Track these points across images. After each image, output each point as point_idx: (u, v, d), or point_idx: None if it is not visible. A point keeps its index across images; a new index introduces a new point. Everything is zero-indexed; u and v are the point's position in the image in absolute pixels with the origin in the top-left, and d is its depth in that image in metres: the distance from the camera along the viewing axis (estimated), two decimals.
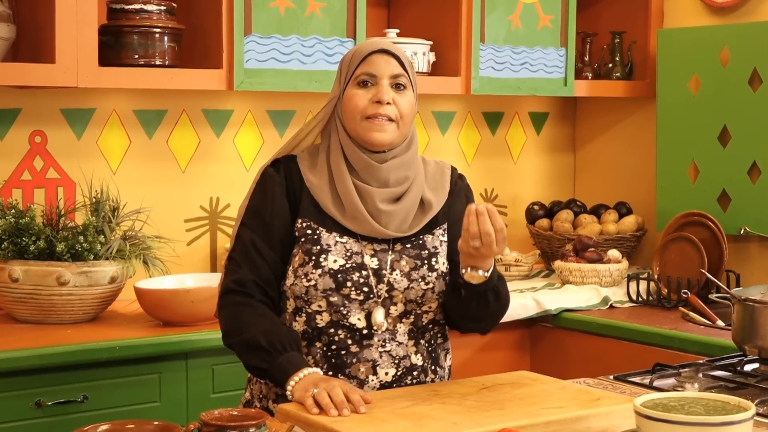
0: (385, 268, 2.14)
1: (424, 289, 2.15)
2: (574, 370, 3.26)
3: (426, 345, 2.20)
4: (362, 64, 2.16)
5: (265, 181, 2.20)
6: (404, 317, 2.16)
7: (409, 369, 2.16)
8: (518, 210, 4.17)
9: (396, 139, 2.16)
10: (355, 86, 2.16)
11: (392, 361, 2.14)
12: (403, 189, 2.17)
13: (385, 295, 2.13)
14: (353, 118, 2.15)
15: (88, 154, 3.25)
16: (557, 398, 2.02)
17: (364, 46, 2.20)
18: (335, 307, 2.12)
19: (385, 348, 2.14)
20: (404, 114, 2.16)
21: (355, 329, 2.13)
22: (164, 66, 3.05)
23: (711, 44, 3.70)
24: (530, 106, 4.22)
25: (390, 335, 2.15)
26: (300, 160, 2.21)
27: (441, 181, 2.26)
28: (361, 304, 2.12)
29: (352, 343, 2.13)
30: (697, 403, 1.77)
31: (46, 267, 2.83)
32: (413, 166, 2.20)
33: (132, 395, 2.75)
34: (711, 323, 3.23)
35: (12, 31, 2.92)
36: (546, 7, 3.76)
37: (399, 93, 2.16)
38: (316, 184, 2.17)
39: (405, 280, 2.14)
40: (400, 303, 2.15)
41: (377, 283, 2.13)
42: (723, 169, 3.67)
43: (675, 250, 3.63)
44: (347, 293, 2.12)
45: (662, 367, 2.40)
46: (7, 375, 2.59)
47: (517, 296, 3.44)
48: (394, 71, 2.16)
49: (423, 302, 2.16)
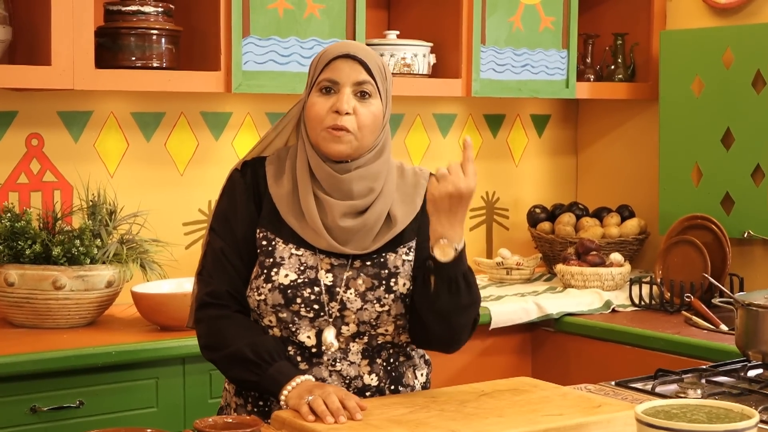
0: (340, 285, 2.05)
1: (378, 311, 2.05)
2: (576, 374, 3.24)
3: (384, 364, 2.10)
4: (326, 69, 2.06)
5: (231, 186, 2.14)
6: (357, 338, 2.07)
7: (361, 389, 2.07)
8: (520, 213, 4.14)
9: (356, 151, 2.06)
10: (317, 93, 2.07)
11: (342, 381, 2.06)
12: (367, 202, 2.07)
13: (336, 314, 2.05)
14: (313, 127, 2.07)
15: (85, 157, 3.23)
16: (558, 405, 2.00)
17: (330, 49, 2.09)
18: (284, 323, 2.06)
19: (335, 367, 2.06)
20: (364, 125, 2.04)
21: (305, 347, 2.06)
22: (161, 68, 3.02)
23: (714, 46, 3.67)
24: (532, 109, 4.19)
25: (342, 354, 2.07)
26: (268, 164, 2.13)
27: (412, 195, 2.13)
28: (312, 321, 2.05)
29: (301, 360, 2.06)
30: (700, 410, 1.74)
31: (42, 271, 2.81)
32: (380, 177, 2.09)
33: (128, 401, 2.73)
34: (714, 328, 3.20)
35: (8, 33, 2.90)
36: (547, 9, 3.73)
37: (362, 102, 2.05)
38: (277, 193, 2.09)
39: (359, 300, 2.05)
40: (353, 324, 2.06)
41: (329, 301, 2.05)
42: (726, 172, 3.65)
43: (678, 253, 3.60)
44: (296, 309, 2.04)
45: (664, 373, 2.37)
46: (2, 380, 2.56)
47: (518, 300, 3.42)
48: (359, 78, 2.04)
49: (378, 324, 2.06)
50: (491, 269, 3.82)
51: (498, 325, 3.31)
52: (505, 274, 3.79)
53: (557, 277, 3.76)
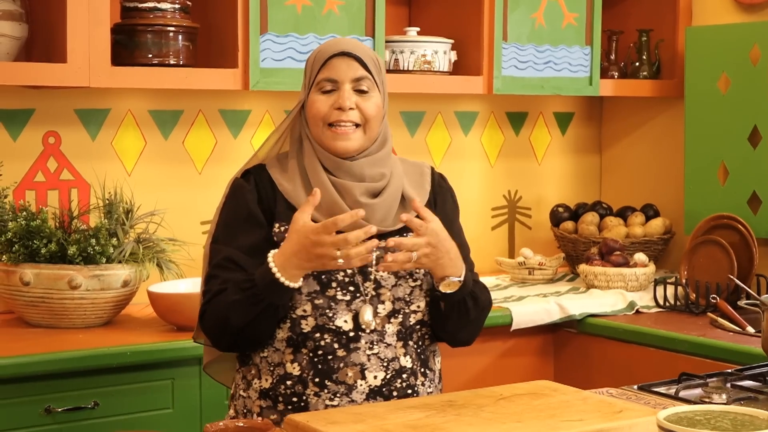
0: (371, 265, 2.07)
1: (412, 286, 2.11)
2: (598, 377, 3.19)
3: (415, 346, 2.14)
4: (323, 69, 2.11)
5: (235, 192, 2.16)
6: (392, 317, 2.10)
7: (398, 372, 2.10)
8: (542, 212, 4.09)
9: (363, 144, 2.12)
10: (317, 92, 2.12)
11: (381, 364, 2.08)
12: (381, 185, 2.13)
13: (372, 293, 2.08)
14: (316, 125, 2.12)
15: (102, 156, 3.21)
16: (578, 410, 1.95)
17: (325, 48, 2.14)
18: (321, 310, 2.07)
19: (373, 350, 2.08)
20: (370, 117, 2.11)
21: (342, 332, 2.07)
22: (178, 65, 2.99)
23: (741, 42, 3.61)
24: (555, 106, 4.14)
25: (378, 336, 2.09)
26: (270, 167, 2.17)
27: (420, 181, 2.22)
28: (348, 304, 2.07)
29: (338, 347, 2.07)
30: (724, 417, 1.69)
31: (58, 270, 2.78)
32: (388, 162, 2.16)
33: (144, 402, 2.70)
34: (741, 330, 3.14)
35: (24, 31, 2.88)
36: (571, 5, 3.68)
37: (362, 97, 2.11)
38: (289, 188, 2.13)
39: (392, 277, 2.10)
40: (388, 301, 2.10)
41: (363, 281, 2.08)
42: (753, 171, 3.59)
43: (703, 253, 3.55)
44: (333, 294, 2.07)
45: (688, 377, 2.32)
46: (16, 381, 2.54)
47: (540, 301, 3.37)
48: (356, 74, 2.11)
49: (411, 300, 2.11)
50: (513, 269, 3.77)
51: (519, 326, 3.26)
52: (527, 274, 3.74)
53: (580, 278, 3.71)
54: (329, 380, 2.06)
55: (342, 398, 2.06)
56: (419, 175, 2.22)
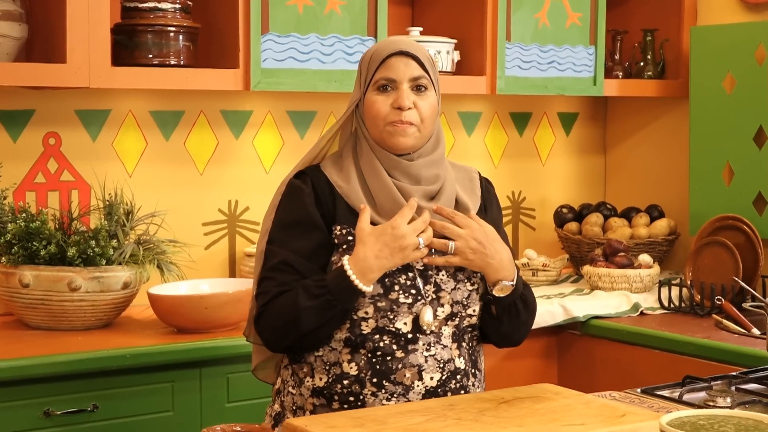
0: (431, 268, 2.11)
1: (470, 290, 2.14)
2: (602, 379, 3.17)
3: (467, 348, 2.18)
4: (381, 68, 2.13)
5: (292, 192, 2.16)
6: (450, 319, 2.13)
7: (453, 373, 2.13)
8: (546, 213, 4.07)
9: (419, 141, 2.15)
10: (375, 91, 2.14)
11: (437, 365, 2.11)
12: (437, 187, 2.15)
13: (432, 296, 2.11)
14: (376, 124, 2.14)
15: (103, 156, 3.19)
16: (580, 414, 1.92)
17: (382, 47, 2.16)
18: (382, 312, 2.08)
19: (430, 352, 2.11)
20: (425, 117, 2.13)
21: (401, 334, 2.09)
22: (179, 66, 2.97)
23: (746, 42, 3.59)
24: (559, 107, 4.11)
25: (435, 338, 2.11)
26: (325, 167, 2.18)
27: (471, 187, 2.25)
28: (410, 307, 2.09)
29: (397, 348, 2.09)
30: (728, 421, 1.66)
31: (57, 272, 2.77)
32: (443, 164, 2.19)
33: (144, 404, 2.68)
34: (746, 332, 3.11)
35: (24, 31, 2.86)
36: (574, 4, 3.65)
37: (420, 95, 2.14)
38: (347, 189, 2.13)
39: (452, 281, 2.12)
40: (447, 304, 2.12)
41: (424, 284, 2.10)
42: (759, 171, 3.56)
43: (709, 255, 3.52)
44: (395, 297, 2.08)
45: (693, 380, 2.30)
46: (15, 383, 2.53)
47: (544, 303, 3.35)
48: (414, 74, 2.13)
49: (468, 304, 2.14)
50: None
51: None
52: (531, 275, 3.72)
53: (584, 279, 3.69)
54: (387, 381, 2.08)
55: (399, 398, 2.08)
56: (469, 181, 2.25)
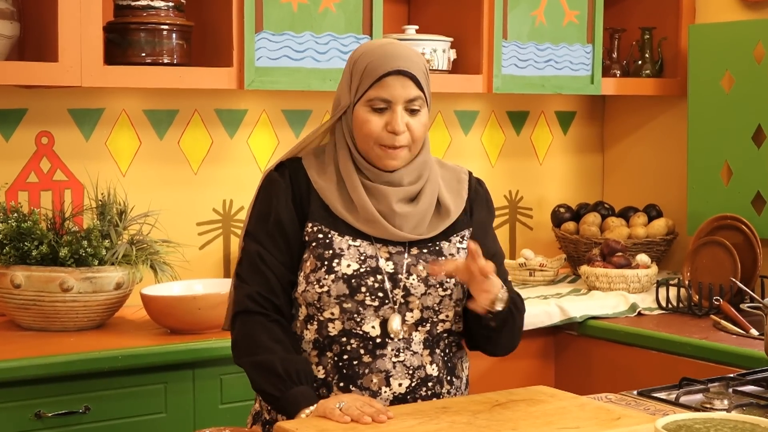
0: (401, 272, 2.06)
1: (441, 295, 2.07)
2: (599, 380, 3.15)
3: (442, 354, 2.11)
4: (376, 86, 2.05)
5: (269, 186, 2.13)
6: (420, 325, 2.07)
7: (423, 380, 2.07)
8: (544, 213, 4.05)
9: (407, 160, 2.10)
10: (368, 109, 2.06)
11: (406, 372, 2.05)
12: (417, 188, 2.10)
13: (401, 301, 2.05)
14: (366, 141, 2.08)
15: (96, 156, 3.17)
16: (575, 417, 1.90)
17: (378, 61, 2.05)
18: (349, 314, 2.04)
19: (398, 358, 2.05)
20: (417, 137, 2.08)
21: (369, 338, 2.04)
22: (172, 64, 2.95)
23: (745, 40, 3.57)
24: (557, 105, 4.09)
25: (405, 344, 2.06)
26: (305, 161, 2.13)
27: (458, 188, 2.19)
28: (376, 310, 2.04)
29: (364, 352, 2.05)
30: (725, 425, 1.65)
31: (49, 273, 2.74)
32: (426, 165, 2.13)
33: (136, 406, 2.66)
34: (744, 332, 3.09)
35: (16, 29, 2.83)
36: (572, 2, 3.63)
37: (413, 116, 2.07)
38: (324, 187, 2.09)
39: (422, 285, 2.06)
40: (417, 309, 2.06)
41: (393, 288, 2.05)
42: (757, 171, 3.54)
43: (707, 255, 3.50)
44: (362, 299, 2.03)
45: (689, 382, 2.28)
46: (6, 385, 2.50)
47: (541, 303, 3.33)
48: (410, 95, 2.06)
49: (440, 310, 2.08)
50: (514, 270, 3.72)
51: None
52: (528, 275, 3.70)
53: (581, 279, 3.67)
54: (353, 385, 2.04)
55: None
56: (456, 182, 2.19)
